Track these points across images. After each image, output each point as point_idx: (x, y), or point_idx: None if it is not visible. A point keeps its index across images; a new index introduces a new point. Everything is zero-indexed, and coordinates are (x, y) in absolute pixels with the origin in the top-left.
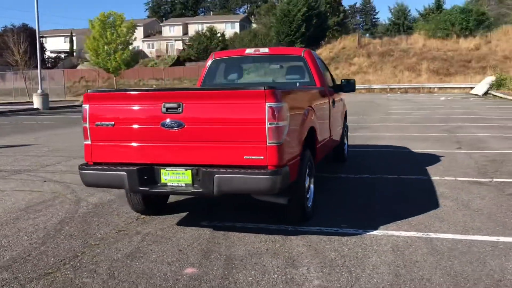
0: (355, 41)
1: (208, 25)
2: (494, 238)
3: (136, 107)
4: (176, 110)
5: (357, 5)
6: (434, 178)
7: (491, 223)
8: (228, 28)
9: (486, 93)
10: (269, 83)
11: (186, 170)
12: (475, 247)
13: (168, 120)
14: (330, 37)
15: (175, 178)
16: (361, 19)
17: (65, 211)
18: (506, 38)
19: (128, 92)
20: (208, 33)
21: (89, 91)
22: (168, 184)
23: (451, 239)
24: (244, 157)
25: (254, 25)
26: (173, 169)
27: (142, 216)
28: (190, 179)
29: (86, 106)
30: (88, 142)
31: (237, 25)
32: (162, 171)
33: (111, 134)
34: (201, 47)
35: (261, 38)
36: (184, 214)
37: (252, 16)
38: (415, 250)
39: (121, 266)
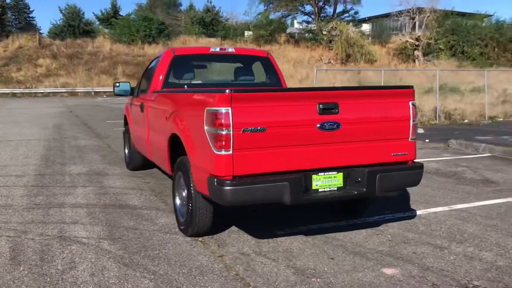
0: (35, 41)
1: None
2: (502, 200)
3: (289, 108)
4: (333, 110)
5: (8, 1)
6: None
7: (462, 193)
8: None
9: None
10: (247, 83)
11: (337, 173)
12: (502, 209)
13: (327, 122)
14: None
15: (326, 183)
16: (13, 17)
17: (104, 257)
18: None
19: (280, 92)
20: None
21: (230, 90)
22: (320, 190)
23: (472, 206)
24: (392, 154)
25: None
26: (325, 174)
27: (201, 239)
28: (341, 182)
29: (226, 109)
30: (228, 152)
31: None
32: (314, 176)
33: (262, 141)
34: None
35: None
36: (233, 228)
37: None
38: (475, 218)
39: (321, 283)
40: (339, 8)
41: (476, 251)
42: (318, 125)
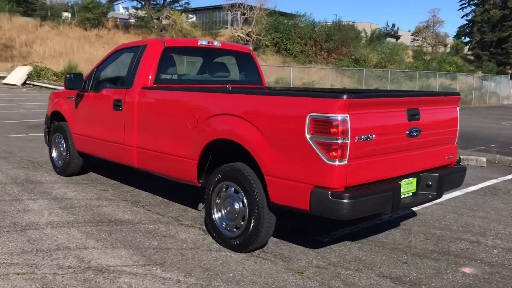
0: None
1: None
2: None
3: (389, 115)
4: (416, 117)
5: None
6: None
7: None
8: None
9: (24, 83)
10: (240, 81)
11: (413, 178)
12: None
13: (413, 128)
14: None
15: (406, 189)
16: None
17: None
18: None
19: (385, 98)
20: None
21: (349, 95)
22: (402, 197)
23: None
24: (446, 157)
25: None
26: (407, 180)
27: (255, 254)
28: (415, 187)
29: (343, 116)
30: (343, 162)
31: None
32: (400, 183)
33: (368, 149)
34: None
35: None
36: (272, 239)
37: None
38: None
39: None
40: None
41: (503, 243)
42: (407, 132)
